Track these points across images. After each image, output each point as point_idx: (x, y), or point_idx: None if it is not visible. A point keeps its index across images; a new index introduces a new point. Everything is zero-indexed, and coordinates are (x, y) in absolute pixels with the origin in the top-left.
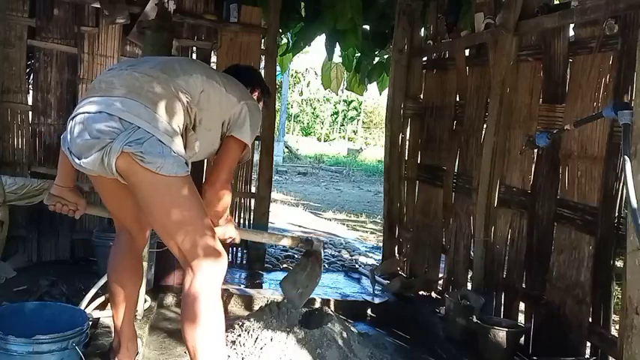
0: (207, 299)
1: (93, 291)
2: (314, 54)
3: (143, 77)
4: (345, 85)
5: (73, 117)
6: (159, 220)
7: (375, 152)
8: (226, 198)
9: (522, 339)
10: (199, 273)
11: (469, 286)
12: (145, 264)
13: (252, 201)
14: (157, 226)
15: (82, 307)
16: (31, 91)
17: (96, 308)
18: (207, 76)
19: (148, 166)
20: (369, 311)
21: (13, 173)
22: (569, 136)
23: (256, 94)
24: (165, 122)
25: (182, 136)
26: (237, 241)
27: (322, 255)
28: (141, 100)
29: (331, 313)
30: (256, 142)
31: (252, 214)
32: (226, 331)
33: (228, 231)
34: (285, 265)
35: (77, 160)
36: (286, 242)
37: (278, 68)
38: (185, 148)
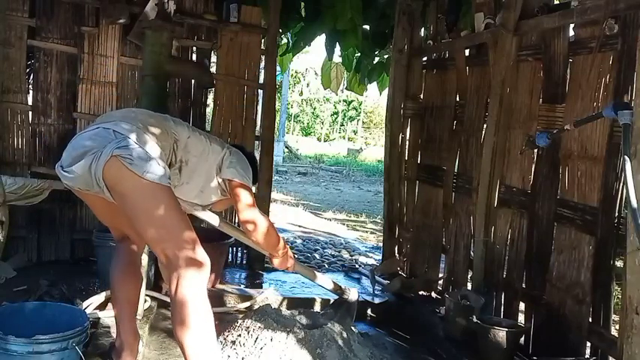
0: (193, 304)
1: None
2: (314, 54)
3: (139, 111)
4: (345, 85)
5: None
6: (143, 225)
7: (375, 152)
8: (258, 228)
9: (522, 339)
10: (182, 279)
11: (469, 286)
12: (145, 263)
13: None
14: (143, 232)
15: (83, 306)
16: (31, 91)
17: (96, 308)
18: (192, 130)
19: (134, 169)
20: (369, 311)
21: (13, 173)
22: (569, 136)
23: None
24: (152, 142)
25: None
26: (290, 270)
27: (356, 305)
28: (134, 122)
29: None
30: (256, 142)
31: None
32: (226, 331)
33: (283, 262)
34: None
35: (67, 174)
36: (329, 285)
37: (278, 68)
38: None
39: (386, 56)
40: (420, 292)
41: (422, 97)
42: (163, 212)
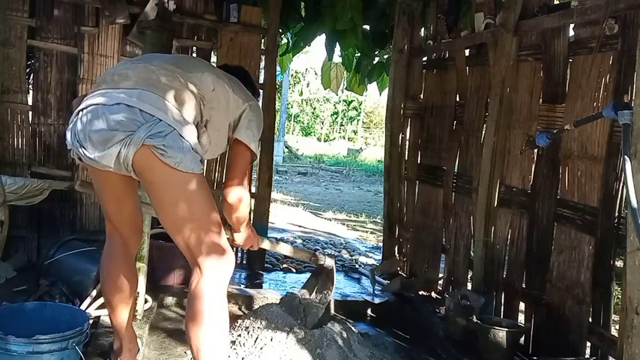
0: (213, 299)
1: (94, 293)
2: (314, 54)
3: (159, 70)
4: (345, 85)
5: (83, 108)
6: (169, 216)
7: (375, 152)
8: (244, 202)
9: (522, 339)
10: (206, 272)
11: (469, 286)
12: (145, 264)
13: (252, 201)
14: (167, 223)
15: (83, 307)
16: (31, 91)
17: (97, 308)
18: (216, 76)
19: (167, 161)
20: (369, 311)
21: (13, 173)
22: (569, 136)
23: None
24: (183, 115)
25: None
26: (255, 248)
27: (334, 271)
28: (159, 92)
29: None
30: None
31: (252, 214)
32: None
33: (248, 238)
34: (285, 265)
35: (89, 154)
36: (301, 255)
37: (278, 68)
38: None
39: (386, 56)
40: (420, 292)
41: (422, 97)
42: (192, 203)
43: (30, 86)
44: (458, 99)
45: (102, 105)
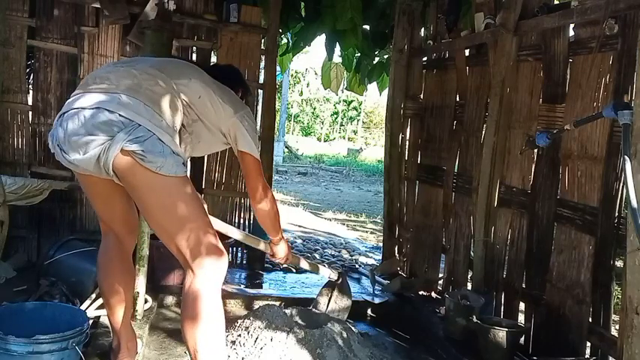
0: (207, 299)
1: (94, 295)
2: (314, 54)
3: (142, 75)
4: (345, 85)
5: (64, 112)
6: (157, 220)
7: (375, 152)
8: (271, 206)
9: (522, 339)
10: (199, 273)
11: (469, 286)
12: (144, 264)
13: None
14: (155, 227)
15: (83, 307)
16: (31, 91)
17: (97, 308)
18: (205, 84)
19: (148, 166)
20: (369, 311)
21: (13, 173)
22: (569, 136)
23: (239, 94)
24: (164, 121)
25: (178, 135)
26: (285, 263)
27: (347, 283)
28: (140, 97)
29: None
30: None
31: (252, 214)
32: (226, 331)
33: (281, 251)
34: (284, 266)
35: (69, 158)
36: (324, 273)
37: (278, 68)
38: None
39: (386, 56)
40: (420, 292)
41: (422, 97)
42: (178, 206)
43: (30, 86)
44: (458, 99)
45: (82, 109)
